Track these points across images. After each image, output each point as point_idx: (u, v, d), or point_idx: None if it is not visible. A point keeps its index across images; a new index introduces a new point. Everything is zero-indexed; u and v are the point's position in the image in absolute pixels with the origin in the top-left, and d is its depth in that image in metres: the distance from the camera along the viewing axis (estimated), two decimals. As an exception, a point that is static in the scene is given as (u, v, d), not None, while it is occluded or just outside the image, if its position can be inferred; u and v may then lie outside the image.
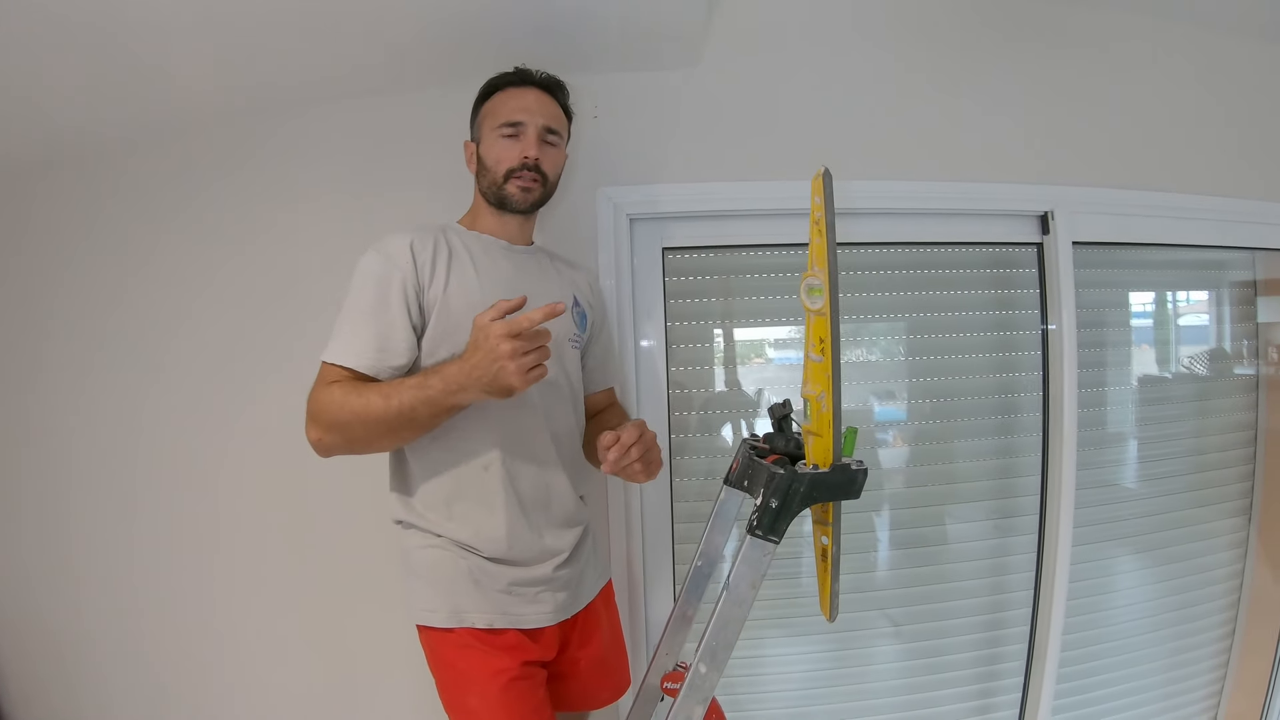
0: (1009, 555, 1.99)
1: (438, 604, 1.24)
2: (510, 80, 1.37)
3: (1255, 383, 2.24)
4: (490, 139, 1.34)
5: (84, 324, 1.81)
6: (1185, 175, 1.96)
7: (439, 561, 1.25)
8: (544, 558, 1.30)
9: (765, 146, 1.76)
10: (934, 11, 1.83)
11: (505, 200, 1.34)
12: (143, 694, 1.84)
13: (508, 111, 1.33)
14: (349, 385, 1.16)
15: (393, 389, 1.14)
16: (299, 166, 1.76)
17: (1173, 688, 2.16)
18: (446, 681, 1.25)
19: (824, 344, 1.04)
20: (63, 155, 1.79)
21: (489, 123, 1.35)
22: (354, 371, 1.18)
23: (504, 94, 1.36)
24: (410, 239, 1.24)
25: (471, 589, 1.24)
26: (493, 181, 1.33)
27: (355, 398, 1.13)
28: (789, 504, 1.02)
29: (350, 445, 1.18)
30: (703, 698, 1.05)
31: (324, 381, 1.18)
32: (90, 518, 1.82)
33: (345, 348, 1.19)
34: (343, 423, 1.14)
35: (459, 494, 1.26)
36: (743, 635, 1.86)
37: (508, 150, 1.32)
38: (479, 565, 1.25)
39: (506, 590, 1.26)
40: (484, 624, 1.23)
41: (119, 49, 1.46)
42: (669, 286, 1.83)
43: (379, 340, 1.19)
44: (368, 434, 1.15)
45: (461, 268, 1.28)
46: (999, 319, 1.97)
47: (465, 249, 1.31)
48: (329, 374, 1.19)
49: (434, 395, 1.11)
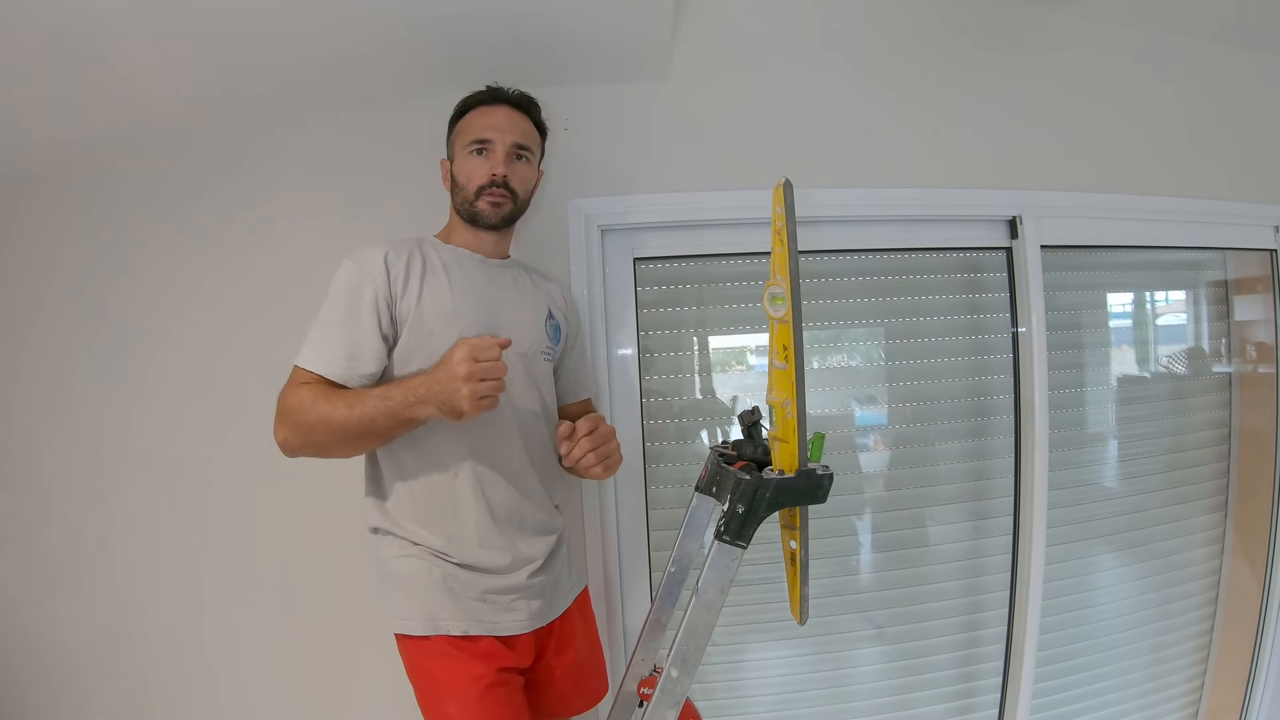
0: (986, 556, 2.01)
1: (414, 612, 1.25)
2: (482, 99, 1.40)
3: (1229, 381, 2.27)
4: (461, 157, 1.38)
5: (67, 333, 1.81)
6: (1152, 178, 1.99)
7: (414, 570, 1.27)
8: (517, 566, 1.31)
9: (734, 157, 1.78)
10: (900, 22, 1.85)
11: (477, 216, 1.37)
12: (124, 701, 1.84)
13: (477, 129, 1.37)
14: (317, 389, 1.19)
15: (357, 398, 1.17)
16: (281, 177, 1.78)
17: (1153, 684, 2.18)
18: (424, 689, 1.26)
19: (787, 351, 1.05)
20: (42, 167, 1.80)
21: (460, 140, 1.39)
22: (323, 377, 1.21)
23: (475, 112, 1.39)
24: (385, 251, 1.27)
25: (446, 597, 1.25)
26: (465, 198, 1.37)
27: (322, 403, 1.16)
28: (755, 509, 1.03)
29: (314, 449, 1.21)
30: (675, 701, 1.06)
31: (294, 383, 1.21)
32: (72, 525, 1.82)
33: (316, 354, 1.22)
34: (307, 425, 1.17)
35: (430, 501, 1.28)
36: (723, 639, 1.90)
37: (478, 167, 1.36)
38: (452, 573, 1.27)
39: (480, 598, 1.27)
40: (459, 631, 1.25)
41: (90, 60, 1.46)
42: (641, 296, 1.84)
43: (348, 349, 1.22)
44: (329, 439, 1.18)
45: (435, 280, 1.30)
46: (971, 323, 2.00)
47: (440, 262, 1.32)
48: (299, 377, 1.22)
49: (394, 407, 1.15)
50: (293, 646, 1.80)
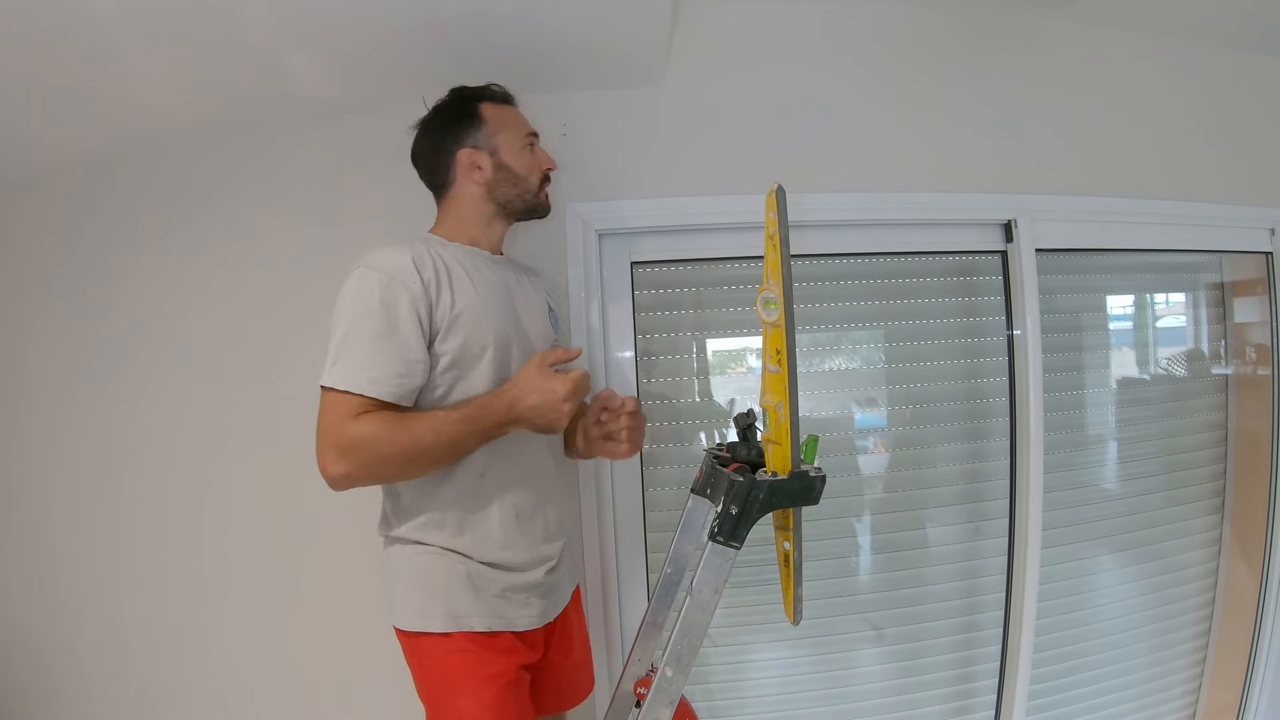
0: (983, 558, 2.01)
1: (434, 608, 1.22)
2: (504, 95, 1.41)
3: (1226, 383, 2.28)
4: (517, 149, 1.36)
5: (68, 337, 1.83)
6: (1147, 181, 2.00)
7: (434, 567, 1.24)
8: (536, 564, 1.31)
9: (730, 161, 1.80)
10: (895, 28, 1.87)
11: (538, 207, 1.40)
12: (125, 701, 1.85)
13: (524, 123, 1.40)
14: (386, 418, 1.12)
15: (437, 422, 1.14)
16: (281, 182, 1.79)
17: (1151, 684, 2.18)
18: (436, 685, 1.23)
19: (781, 355, 1.06)
20: (43, 174, 1.81)
21: (512, 133, 1.37)
22: (377, 401, 1.13)
23: (504, 108, 1.39)
24: (409, 256, 1.19)
25: (469, 594, 1.23)
26: (527, 189, 1.37)
27: (401, 432, 1.11)
28: (748, 511, 1.04)
29: (384, 478, 1.18)
30: (669, 700, 1.07)
31: (346, 414, 1.11)
32: (75, 527, 1.83)
33: (362, 375, 1.12)
34: (384, 457, 1.11)
35: (456, 501, 1.25)
36: (722, 641, 1.91)
37: (537, 159, 1.39)
38: (476, 570, 1.25)
39: (501, 595, 1.26)
40: (483, 627, 1.23)
41: (90, 68, 1.46)
42: (639, 299, 1.85)
43: (397, 365, 1.14)
44: (412, 467, 1.16)
45: (460, 283, 1.25)
46: (968, 326, 2.01)
47: (456, 262, 1.27)
48: (349, 405, 1.11)
49: (486, 429, 1.17)
50: (293, 647, 1.81)
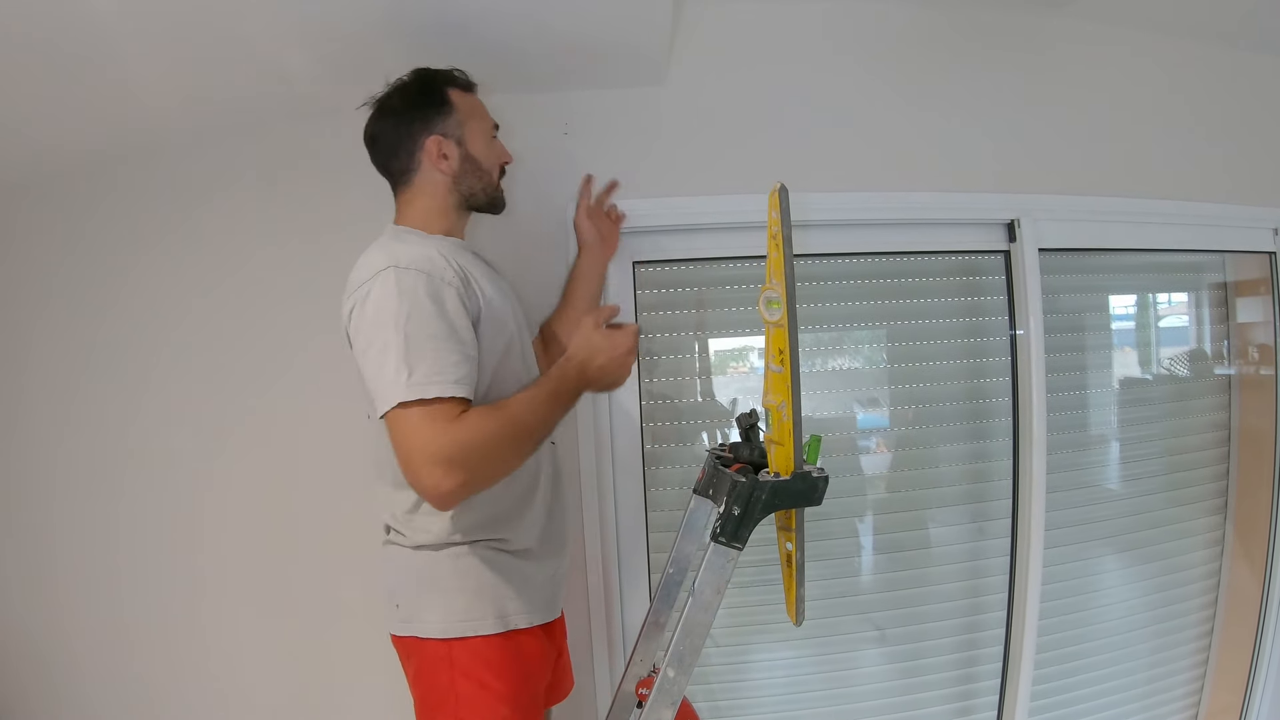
0: (986, 558, 2.01)
1: (483, 610, 1.18)
2: (469, 82, 1.34)
3: (1229, 383, 2.27)
4: (483, 139, 1.30)
5: (69, 338, 1.82)
6: (1150, 180, 1.99)
7: (478, 566, 1.20)
8: (563, 550, 1.34)
9: (732, 161, 1.79)
10: (897, 27, 1.86)
11: (497, 201, 1.34)
12: (125, 701, 1.85)
13: (486, 113, 1.34)
14: (484, 413, 1.07)
15: (528, 402, 1.12)
16: (283, 182, 1.79)
17: (1153, 685, 2.18)
18: (468, 702, 1.16)
19: (783, 355, 1.06)
20: (41, 174, 1.80)
21: (478, 123, 1.31)
22: (463, 401, 1.06)
23: (469, 96, 1.33)
24: (435, 249, 1.15)
25: (511, 589, 1.21)
26: (489, 183, 1.31)
27: (505, 423, 1.08)
28: (751, 511, 1.04)
29: (496, 477, 1.10)
30: (671, 701, 1.07)
31: (441, 421, 1.02)
32: (75, 527, 1.83)
33: (448, 378, 1.05)
34: (497, 453, 1.07)
35: (495, 495, 1.18)
36: (724, 641, 1.91)
37: (499, 151, 1.34)
38: (509, 564, 1.22)
39: (538, 585, 1.26)
40: (525, 623, 1.21)
41: (89, 68, 1.45)
42: (641, 299, 1.85)
43: (465, 362, 1.09)
44: (518, 456, 1.13)
45: (474, 275, 1.20)
46: (970, 326, 2.00)
47: (455, 255, 1.20)
48: (442, 412, 1.03)
49: (567, 399, 1.16)
50: (294, 647, 1.81)
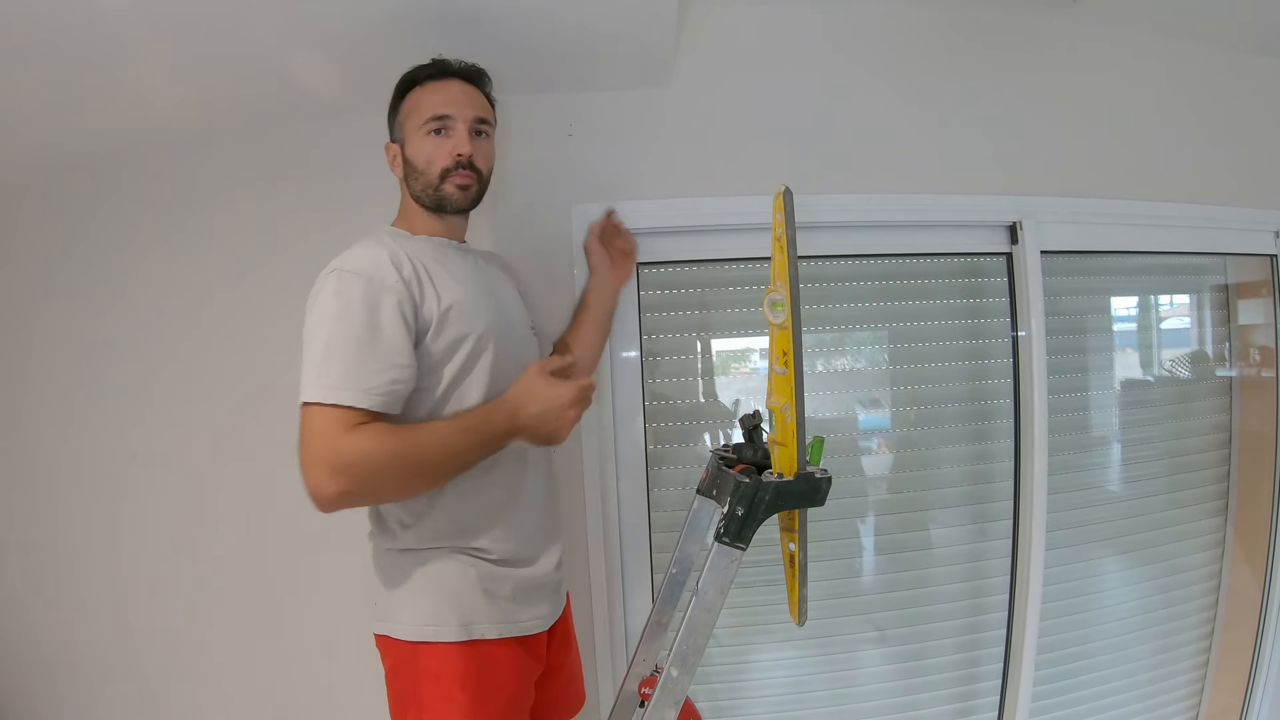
0: (987, 559, 2.01)
1: (448, 616, 1.16)
2: (429, 73, 1.28)
3: (1230, 385, 2.28)
4: (417, 138, 1.25)
5: (73, 337, 1.83)
6: (1152, 183, 2.00)
7: (444, 571, 1.18)
8: (548, 560, 1.30)
9: (736, 162, 1.79)
10: (901, 29, 1.87)
11: (443, 202, 1.26)
12: (128, 700, 1.85)
13: (432, 106, 1.25)
14: (384, 430, 1.06)
15: (439, 433, 1.10)
16: (286, 183, 1.79)
17: (1154, 687, 2.18)
18: (431, 705, 1.14)
19: (787, 356, 1.06)
20: (45, 174, 1.81)
21: (413, 120, 1.26)
22: (368, 412, 1.05)
23: (424, 88, 1.27)
24: (385, 253, 1.13)
25: (481, 598, 1.18)
26: (427, 184, 1.25)
27: (403, 445, 1.06)
28: (754, 512, 1.04)
29: (380, 496, 1.12)
30: (675, 700, 1.07)
31: (339, 429, 1.02)
32: (78, 529, 1.84)
33: (351, 386, 1.04)
34: (386, 473, 1.05)
35: (466, 496, 1.19)
36: (726, 641, 1.91)
37: (438, 148, 1.24)
38: (487, 571, 1.20)
39: (511, 595, 1.21)
40: (495, 634, 1.18)
41: (91, 67, 1.44)
42: (644, 300, 1.85)
43: (388, 372, 1.07)
44: (411, 483, 1.10)
45: (440, 278, 1.18)
46: (972, 327, 2.01)
47: (429, 257, 1.21)
48: (340, 419, 1.03)
49: (487, 440, 1.12)
50: (297, 647, 1.82)
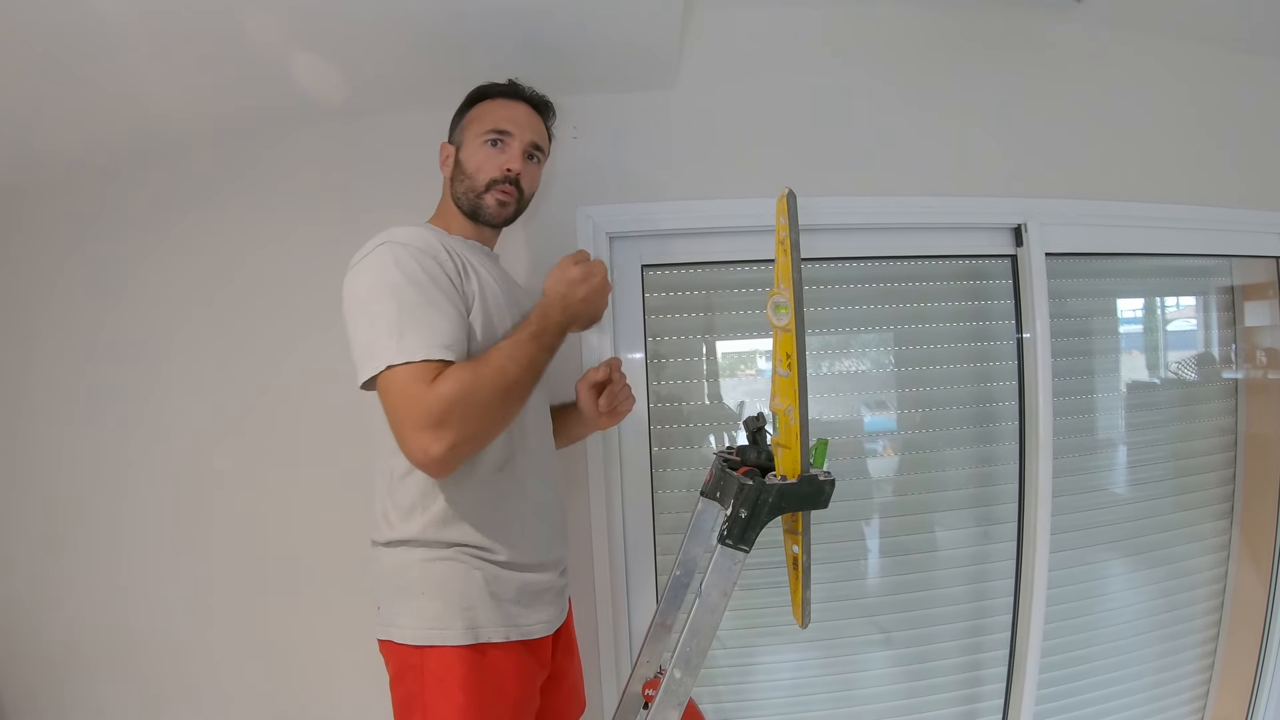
0: (992, 562, 2.01)
1: (451, 620, 1.14)
2: (502, 90, 1.35)
3: (1236, 387, 2.27)
4: (474, 145, 1.31)
5: (75, 338, 1.84)
6: (1157, 184, 1.99)
7: (450, 574, 1.16)
8: (554, 563, 1.30)
9: (740, 164, 1.80)
10: (905, 31, 1.87)
11: (479, 211, 1.31)
12: (130, 698, 1.86)
13: (496, 119, 1.31)
14: (464, 366, 1.05)
15: (510, 350, 1.11)
16: (288, 184, 1.80)
17: (1159, 689, 2.17)
18: (443, 704, 1.12)
19: (790, 359, 1.06)
20: (46, 175, 1.82)
21: (475, 128, 1.32)
22: (445, 363, 1.05)
23: (494, 102, 1.34)
24: (432, 236, 1.17)
25: (487, 601, 1.17)
26: (471, 189, 1.30)
27: (487, 373, 1.05)
28: (758, 514, 1.05)
29: (487, 433, 1.09)
30: (678, 702, 1.08)
31: (420, 383, 1.01)
32: (80, 528, 1.84)
33: (436, 341, 1.05)
34: (483, 407, 1.04)
35: (475, 496, 1.19)
36: (730, 643, 1.91)
37: (491, 159, 1.30)
38: (493, 574, 1.19)
39: (515, 599, 1.20)
40: (500, 637, 1.17)
41: (92, 71, 1.45)
42: (649, 302, 1.86)
43: (459, 327, 1.10)
44: (507, 407, 1.09)
45: (476, 270, 1.21)
46: (977, 330, 2.01)
47: (464, 252, 1.23)
48: (425, 373, 1.02)
49: (551, 339, 1.17)
50: (300, 646, 1.82)
